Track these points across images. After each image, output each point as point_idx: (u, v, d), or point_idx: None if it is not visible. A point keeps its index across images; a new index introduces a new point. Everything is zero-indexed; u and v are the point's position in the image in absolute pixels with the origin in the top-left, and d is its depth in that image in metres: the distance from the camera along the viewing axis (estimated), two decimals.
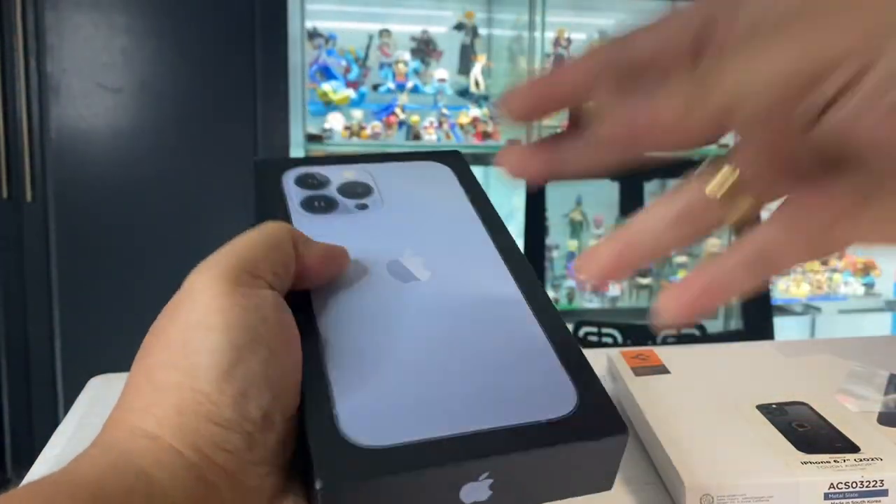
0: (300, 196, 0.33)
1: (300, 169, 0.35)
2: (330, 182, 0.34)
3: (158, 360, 0.24)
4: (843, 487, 0.35)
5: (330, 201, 0.33)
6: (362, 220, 0.32)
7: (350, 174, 0.35)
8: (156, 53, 1.73)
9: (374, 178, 0.35)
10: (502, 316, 0.29)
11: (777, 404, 0.43)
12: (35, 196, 1.70)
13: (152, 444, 0.23)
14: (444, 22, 2.29)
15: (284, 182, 0.34)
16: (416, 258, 0.31)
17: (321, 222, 0.32)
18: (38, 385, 1.76)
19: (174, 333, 0.25)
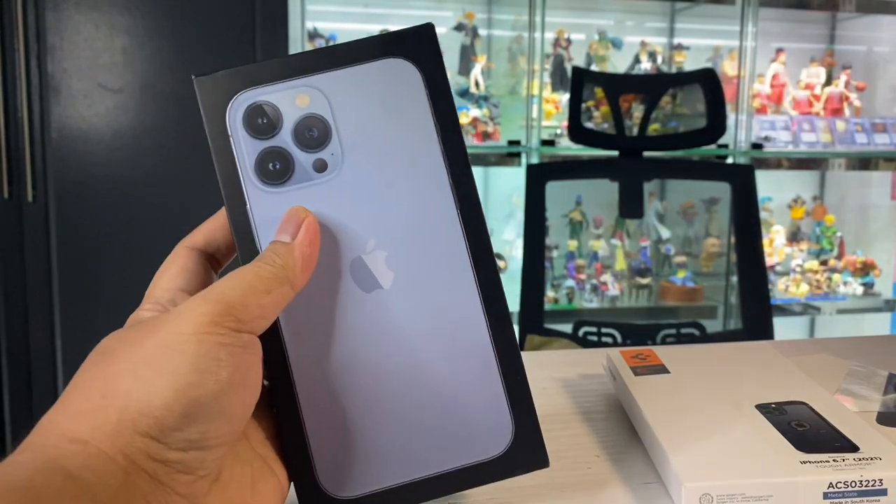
0: (253, 154, 0.30)
1: (248, 96, 0.31)
2: (282, 119, 0.30)
3: (122, 369, 0.25)
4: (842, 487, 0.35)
5: (286, 160, 0.30)
6: (321, 192, 0.30)
7: (304, 100, 0.31)
8: (156, 54, 1.73)
9: (329, 103, 0.31)
10: (460, 341, 0.30)
11: (776, 404, 0.43)
12: (36, 196, 1.70)
13: (81, 448, 0.24)
14: (444, 22, 2.29)
15: (232, 122, 0.31)
16: (378, 253, 0.30)
17: (278, 200, 0.30)
18: (38, 384, 1.76)
19: (148, 349, 0.26)
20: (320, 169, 0.30)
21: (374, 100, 0.31)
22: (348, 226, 0.30)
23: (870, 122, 2.46)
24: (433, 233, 0.30)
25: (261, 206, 0.30)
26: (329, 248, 0.30)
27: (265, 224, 0.30)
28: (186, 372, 0.25)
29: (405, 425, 0.30)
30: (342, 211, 0.30)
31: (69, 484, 0.23)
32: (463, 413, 0.30)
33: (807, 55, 2.57)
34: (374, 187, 0.30)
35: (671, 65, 2.47)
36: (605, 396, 0.50)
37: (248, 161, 0.30)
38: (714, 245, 2.42)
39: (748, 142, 2.33)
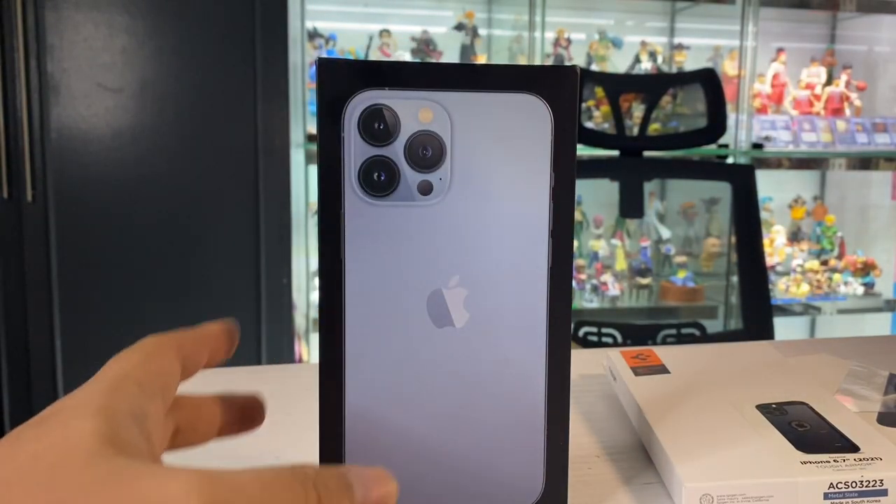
0: (360, 158, 0.29)
1: (371, 96, 0.29)
2: (399, 131, 0.29)
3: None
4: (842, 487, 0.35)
5: (392, 173, 0.29)
6: (421, 214, 0.29)
7: (426, 116, 0.29)
8: (156, 53, 1.73)
9: (451, 125, 0.29)
10: (517, 392, 0.30)
11: (777, 404, 0.43)
12: (35, 196, 1.70)
13: None
14: (444, 22, 2.29)
15: (347, 120, 0.29)
16: (459, 290, 0.29)
17: (375, 213, 0.29)
18: (38, 385, 1.76)
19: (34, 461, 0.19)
20: (425, 191, 0.29)
21: (496, 132, 0.29)
22: (437, 257, 0.29)
23: (870, 121, 2.46)
24: (518, 285, 0.30)
25: (355, 214, 0.29)
26: (412, 273, 0.29)
27: (354, 233, 0.29)
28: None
29: (444, 464, 0.30)
30: (435, 240, 0.29)
31: None
32: (500, 464, 0.31)
33: (807, 55, 2.56)
34: (472, 224, 0.29)
35: (671, 64, 2.47)
36: (605, 396, 0.50)
37: (353, 165, 0.29)
38: (714, 245, 2.42)
39: (748, 142, 2.33)
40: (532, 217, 0.29)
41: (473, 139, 0.29)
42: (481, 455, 0.31)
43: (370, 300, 0.29)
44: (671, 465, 0.37)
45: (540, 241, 0.30)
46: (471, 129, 0.29)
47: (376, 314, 0.29)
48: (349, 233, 0.29)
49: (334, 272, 0.29)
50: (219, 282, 1.81)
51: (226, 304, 1.81)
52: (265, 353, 1.84)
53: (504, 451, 0.31)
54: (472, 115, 0.29)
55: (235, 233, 1.81)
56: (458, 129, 0.29)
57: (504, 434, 0.31)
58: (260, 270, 1.83)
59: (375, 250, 0.29)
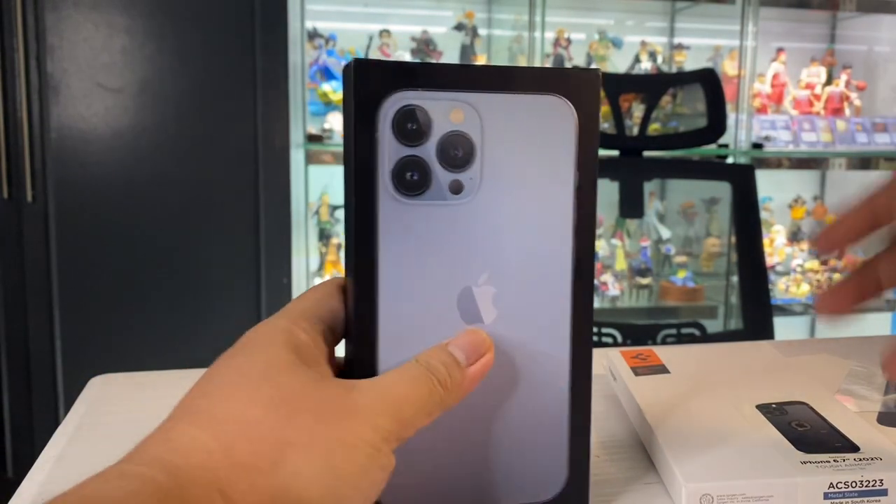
0: (394, 158, 0.29)
1: (405, 97, 0.29)
2: (431, 131, 0.29)
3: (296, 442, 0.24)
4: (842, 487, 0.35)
5: (425, 173, 0.29)
6: (452, 215, 0.30)
7: (458, 116, 0.30)
8: (156, 53, 1.73)
9: (482, 125, 0.30)
10: (542, 386, 0.31)
11: (777, 404, 0.43)
12: (35, 196, 1.70)
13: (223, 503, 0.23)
14: (444, 22, 2.29)
15: (381, 120, 0.29)
16: (489, 289, 0.30)
17: (408, 211, 0.29)
18: (38, 385, 1.76)
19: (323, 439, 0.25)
20: (456, 190, 0.30)
21: (523, 132, 0.30)
22: (467, 255, 0.30)
23: (870, 121, 2.46)
24: (543, 282, 0.31)
25: (389, 214, 0.29)
26: (443, 272, 0.30)
27: (388, 233, 0.29)
28: (351, 482, 0.25)
29: (469, 457, 0.31)
30: (465, 238, 0.30)
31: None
32: (526, 456, 0.32)
33: (807, 55, 2.56)
34: (501, 222, 0.30)
35: (671, 64, 2.47)
36: (605, 396, 0.50)
37: (387, 165, 0.29)
38: (714, 245, 2.42)
39: (748, 141, 2.33)
40: (557, 215, 0.30)
41: (502, 139, 0.30)
42: (506, 447, 0.31)
43: (402, 298, 0.29)
44: (671, 465, 0.37)
45: (565, 239, 0.31)
46: (500, 130, 0.30)
47: (408, 312, 0.30)
48: (383, 232, 0.29)
49: (368, 272, 0.29)
50: (219, 282, 1.81)
51: (226, 304, 1.81)
52: None
53: (529, 444, 0.32)
54: (501, 116, 0.30)
55: (235, 233, 1.81)
56: (487, 130, 0.30)
57: (529, 426, 0.31)
58: (260, 270, 1.83)
59: (408, 249, 0.29)
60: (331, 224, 2.22)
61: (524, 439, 0.32)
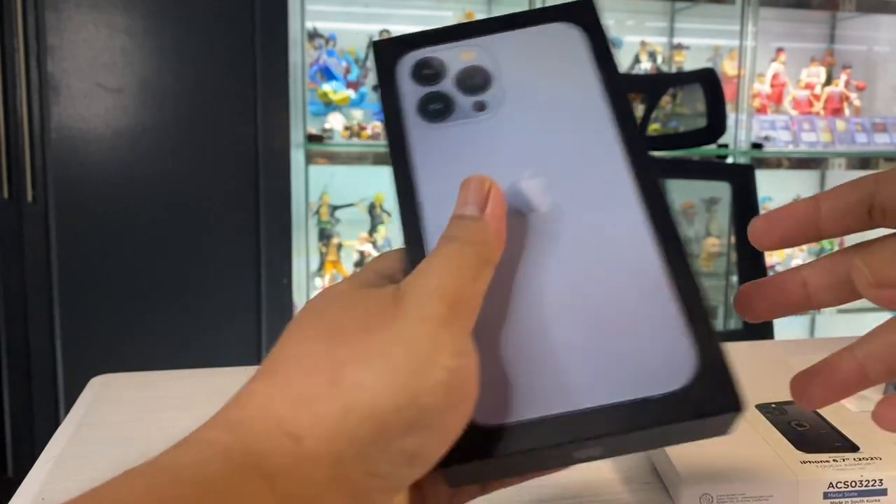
0: (416, 96, 0.32)
1: (416, 54, 0.32)
2: (447, 70, 0.32)
3: (351, 356, 0.23)
4: (842, 486, 0.35)
5: (447, 101, 0.31)
6: (481, 127, 0.31)
7: (469, 55, 0.32)
8: (156, 53, 1.73)
9: (493, 58, 0.32)
10: (626, 262, 0.27)
11: (776, 404, 0.43)
12: (35, 196, 1.70)
13: (293, 447, 0.21)
14: (444, 22, 2.29)
15: (399, 75, 0.32)
16: (537, 180, 0.29)
17: (438, 134, 0.31)
18: (38, 385, 1.76)
19: (380, 341, 0.23)
20: (480, 108, 0.31)
21: (537, 52, 0.32)
22: (506, 156, 0.30)
23: (870, 121, 2.46)
24: (594, 161, 0.29)
25: (419, 139, 0.31)
26: (486, 174, 0.29)
27: (423, 154, 0.30)
28: (420, 376, 0.22)
29: (565, 351, 0.26)
30: (501, 143, 0.30)
31: (265, 492, 0.20)
32: (632, 337, 0.26)
33: (807, 55, 2.57)
34: (533, 122, 0.31)
35: (671, 64, 2.47)
36: None
37: (411, 104, 0.31)
38: (714, 245, 2.42)
39: (748, 141, 2.33)
40: (591, 110, 0.31)
41: (516, 60, 0.32)
42: (611, 330, 0.26)
43: (447, 209, 0.28)
44: (671, 464, 0.37)
45: (603, 120, 0.30)
46: (512, 54, 0.32)
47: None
48: (419, 157, 0.30)
49: (410, 194, 0.30)
50: (219, 282, 1.81)
51: (226, 304, 1.81)
52: (265, 353, 1.84)
53: (633, 321, 0.26)
54: (510, 46, 0.32)
55: (236, 233, 1.81)
56: (501, 58, 0.32)
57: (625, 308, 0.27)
58: (260, 270, 1.83)
59: (445, 167, 0.30)
60: (331, 224, 2.22)
61: (623, 320, 0.26)
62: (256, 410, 0.22)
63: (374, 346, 0.23)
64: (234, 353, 1.81)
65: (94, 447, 0.47)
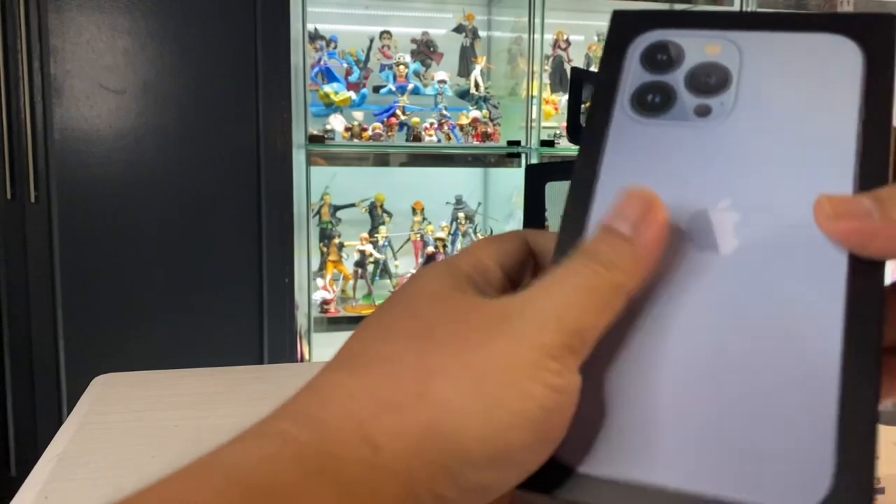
0: (637, 81, 0.27)
1: (657, 34, 0.28)
2: (682, 60, 0.27)
3: (444, 369, 0.21)
4: None
5: (668, 95, 0.27)
6: (694, 134, 0.26)
7: (714, 50, 0.27)
8: (158, 55, 1.74)
9: (741, 58, 0.27)
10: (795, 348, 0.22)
11: None
12: (38, 197, 1.71)
13: (370, 456, 0.19)
14: (445, 24, 2.30)
15: (631, 52, 0.28)
16: (731, 214, 0.24)
17: (642, 129, 0.27)
18: (41, 384, 1.77)
19: (478, 362, 0.21)
20: (702, 113, 0.26)
21: (793, 65, 0.26)
22: (707, 176, 0.25)
23: None
24: (804, 216, 0.24)
25: (620, 128, 0.27)
26: (674, 190, 0.25)
27: (617, 148, 0.27)
28: (512, 409, 0.20)
29: (687, 418, 0.22)
30: (705, 160, 0.26)
31: (332, 501, 0.19)
32: (772, 433, 0.22)
33: None
34: (752, 147, 0.25)
35: None
36: None
37: (628, 88, 0.27)
38: None
39: None
40: (834, 154, 0.25)
41: (766, 71, 0.27)
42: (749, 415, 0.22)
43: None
44: None
45: (844, 173, 0.24)
46: (763, 62, 0.27)
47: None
48: (613, 145, 0.27)
49: (587, 184, 0.27)
50: (221, 281, 1.81)
51: (228, 304, 1.82)
52: (267, 353, 1.85)
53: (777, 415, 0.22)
54: (765, 49, 0.27)
55: (238, 233, 1.82)
56: (748, 61, 0.27)
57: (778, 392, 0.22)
58: (262, 270, 1.83)
59: (636, 166, 0.26)
60: (332, 224, 2.23)
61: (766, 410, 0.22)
62: (339, 409, 0.20)
63: (470, 364, 0.21)
64: (236, 353, 1.82)
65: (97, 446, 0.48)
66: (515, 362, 0.20)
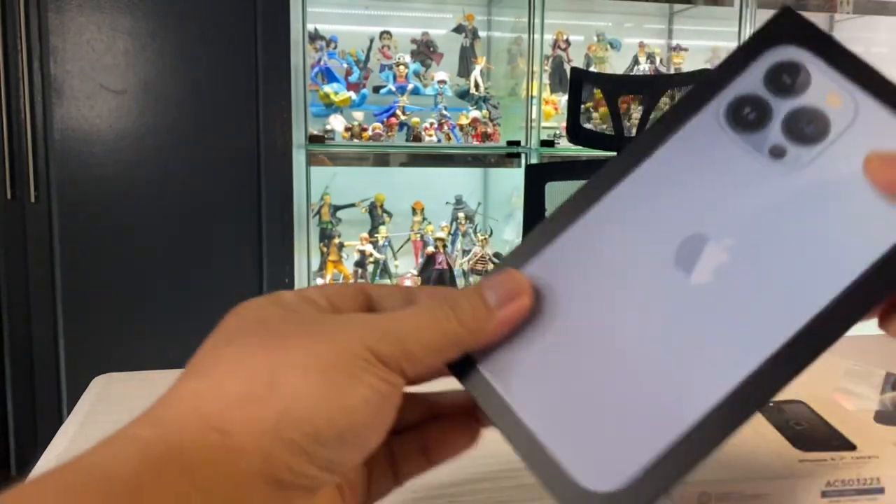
0: (748, 89, 0.26)
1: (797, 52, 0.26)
2: (801, 93, 0.26)
3: (291, 362, 0.23)
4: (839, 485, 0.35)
5: (761, 119, 0.26)
6: (750, 166, 0.25)
7: (834, 101, 0.25)
8: (158, 55, 1.73)
9: (851, 125, 0.25)
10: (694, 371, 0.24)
11: (774, 403, 0.43)
12: (38, 197, 1.70)
13: (220, 440, 0.21)
14: (445, 24, 2.29)
15: (760, 60, 0.27)
16: (723, 254, 0.25)
17: (711, 138, 0.26)
18: (41, 384, 1.76)
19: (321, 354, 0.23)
20: (775, 154, 0.26)
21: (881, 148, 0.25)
22: (731, 211, 0.25)
23: None
24: (789, 290, 0.24)
25: (693, 128, 0.26)
26: (694, 208, 0.26)
27: (678, 143, 0.27)
28: (356, 396, 0.23)
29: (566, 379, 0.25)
30: (738, 195, 0.25)
31: (183, 484, 0.20)
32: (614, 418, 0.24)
33: None
34: (790, 211, 0.25)
35: (670, 66, 2.47)
36: None
37: (732, 93, 0.26)
38: None
39: None
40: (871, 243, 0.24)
41: (859, 149, 0.25)
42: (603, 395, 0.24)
43: (630, 203, 0.27)
44: None
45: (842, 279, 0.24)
46: (864, 140, 0.25)
47: (626, 217, 0.27)
48: (674, 141, 0.27)
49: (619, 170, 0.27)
50: (221, 282, 1.81)
51: (228, 305, 1.81)
52: None
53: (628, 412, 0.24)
54: (879, 131, 0.25)
55: (238, 233, 1.81)
56: (852, 133, 0.25)
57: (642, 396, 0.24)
58: (262, 271, 1.83)
59: (677, 167, 0.27)
60: (332, 224, 2.22)
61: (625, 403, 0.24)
62: (184, 407, 0.22)
63: (316, 357, 0.23)
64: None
65: None
66: (358, 358, 0.23)
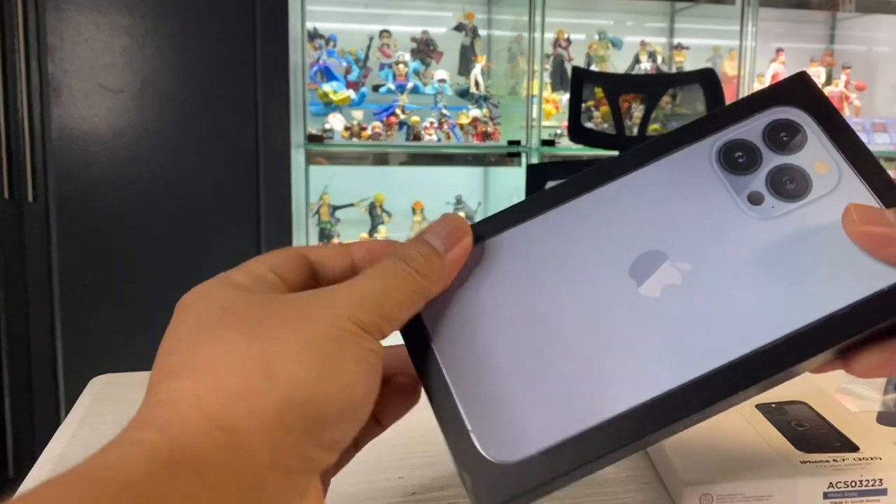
0: (745, 134, 0.28)
1: (804, 117, 0.28)
2: (793, 152, 0.28)
3: (281, 349, 0.23)
4: (842, 487, 0.35)
5: (750, 165, 0.27)
6: (727, 208, 0.27)
7: (822, 168, 0.27)
8: (157, 54, 1.73)
9: (832, 194, 0.27)
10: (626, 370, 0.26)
11: (776, 404, 0.43)
12: (36, 196, 1.70)
13: (227, 440, 0.21)
14: (445, 23, 2.29)
15: (761, 115, 0.28)
16: (676, 277, 0.26)
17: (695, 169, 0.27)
18: (39, 384, 1.76)
19: (307, 334, 0.23)
20: (753, 200, 0.27)
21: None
22: (697, 236, 0.27)
23: (870, 122, 2.46)
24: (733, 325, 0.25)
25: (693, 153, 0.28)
26: (662, 226, 0.27)
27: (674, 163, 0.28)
28: (349, 371, 0.23)
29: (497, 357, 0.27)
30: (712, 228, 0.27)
31: (196, 486, 0.20)
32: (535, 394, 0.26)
33: (807, 55, 2.57)
34: (759, 257, 0.26)
35: (671, 65, 2.47)
36: None
37: (735, 131, 0.28)
38: None
39: None
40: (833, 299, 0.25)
41: (831, 214, 0.26)
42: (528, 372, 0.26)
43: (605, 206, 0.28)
44: (671, 464, 0.37)
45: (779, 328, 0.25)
46: (838, 209, 0.26)
47: (596, 218, 0.28)
48: (666, 161, 0.28)
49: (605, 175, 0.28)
50: None
51: None
52: None
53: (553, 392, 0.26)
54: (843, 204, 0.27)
55: (236, 232, 1.81)
56: (831, 203, 0.27)
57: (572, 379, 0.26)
58: None
59: (658, 187, 0.28)
60: (331, 224, 2.22)
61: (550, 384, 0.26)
62: (186, 408, 0.22)
63: (303, 339, 0.23)
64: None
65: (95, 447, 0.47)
66: (345, 332, 0.24)
